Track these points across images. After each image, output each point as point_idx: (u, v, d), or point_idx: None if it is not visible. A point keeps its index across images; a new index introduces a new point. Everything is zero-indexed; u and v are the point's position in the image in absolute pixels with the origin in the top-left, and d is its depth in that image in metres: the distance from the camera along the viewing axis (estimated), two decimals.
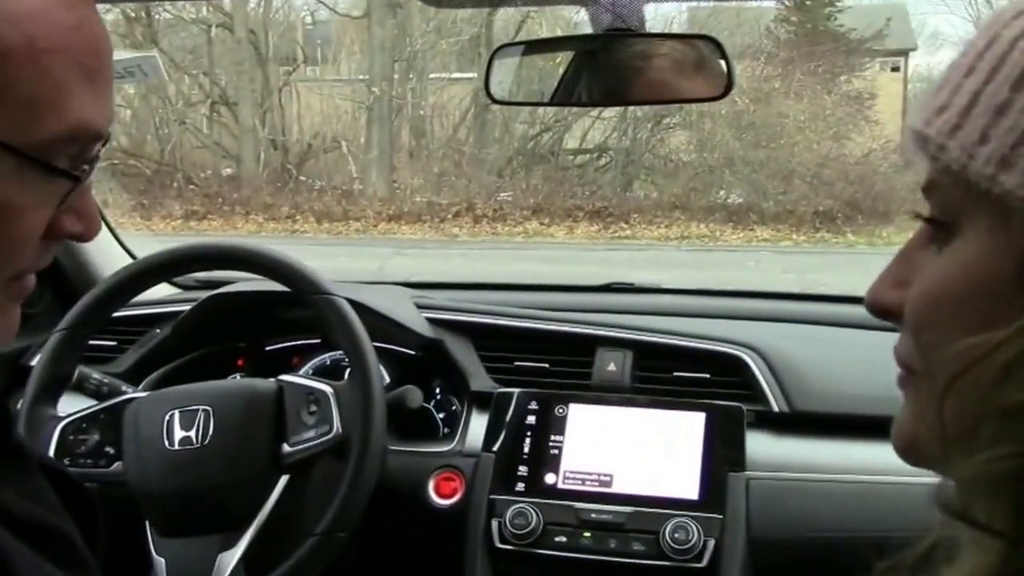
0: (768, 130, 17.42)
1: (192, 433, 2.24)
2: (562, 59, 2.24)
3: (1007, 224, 0.77)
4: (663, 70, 2.18)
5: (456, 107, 18.93)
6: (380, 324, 2.56)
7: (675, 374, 2.61)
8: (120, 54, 2.60)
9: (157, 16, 18.20)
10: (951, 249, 0.82)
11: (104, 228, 3.07)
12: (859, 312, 2.82)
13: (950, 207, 0.83)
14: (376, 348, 2.34)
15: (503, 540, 2.37)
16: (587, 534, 2.35)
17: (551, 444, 2.48)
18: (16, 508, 1.12)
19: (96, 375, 2.48)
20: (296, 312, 2.60)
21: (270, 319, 2.80)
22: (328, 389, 2.29)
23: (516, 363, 2.69)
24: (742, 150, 17.26)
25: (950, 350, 0.79)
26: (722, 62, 2.14)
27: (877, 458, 2.22)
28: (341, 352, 2.55)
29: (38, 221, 1.09)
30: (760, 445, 2.43)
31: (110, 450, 2.30)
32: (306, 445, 2.25)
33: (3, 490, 1.12)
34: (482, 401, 2.62)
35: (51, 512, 1.19)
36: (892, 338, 0.92)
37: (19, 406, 2.31)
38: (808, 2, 19.85)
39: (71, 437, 2.31)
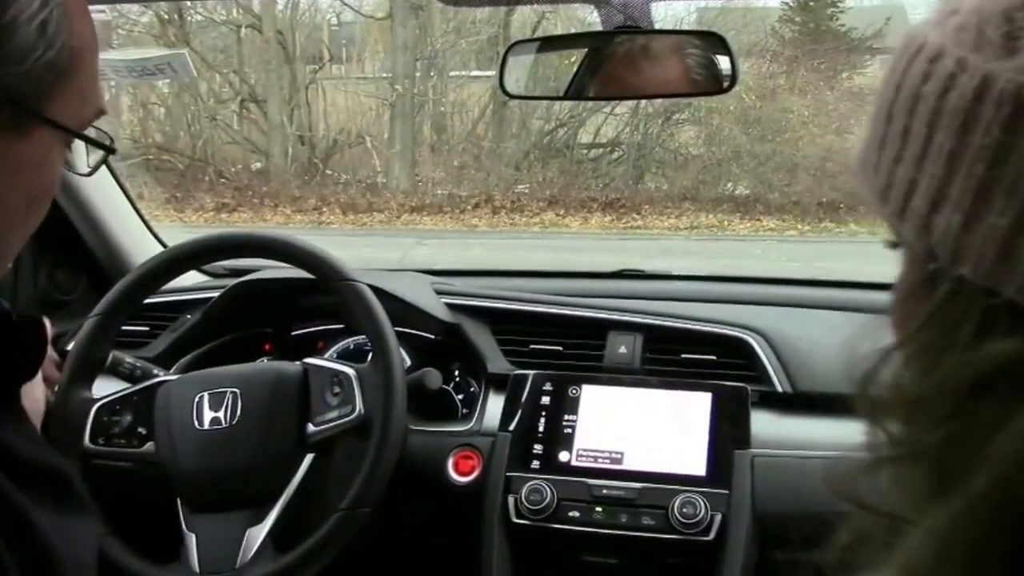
0: (773, 125, 17.39)
1: (221, 414, 2.26)
2: (576, 57, 2.24)
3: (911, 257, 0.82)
4: (671, 66, 2.18)
5: (475, 103, 18.91)
6: (401, 309, 2.56)
7: (683, 356, 2.61)
8: (151, 52, 2.61)
9: (189, 18, 18.21)
10: (899, 262, 0.86)
11: (136, 218, 3.09)
12: (860, 296, 2.83)
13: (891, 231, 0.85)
14: (397, 332, 2.34)
15: (519, 515, 2.37)
16: (599, 509, 2.35)
17: (565, 423, 2.48)
18: (20, 449, 1.16)
19: (129, 359, 2.49)
20: (320, 298, 2.60)
21: (295, 305, 2.80)
22: (351, 371, 2.29)
23: (531, 346, 2.70)
24: (749, 144, 17.24)
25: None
26: (727, 58, 2.14)
27: None
28: (364, 337, 2.55)
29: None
30: (764, 424, 2.44)
31: (143, 431, 2.31)
32: (330, 425, 2.26)
33: (7, 434, 1.16)
34: (499, 383, 2.62)
35: (51, 453, 1.23)
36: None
37: (56, 389, 2.31)
38: (811, 3, 19.81)
39: (105, 418, 2.33)
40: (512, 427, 2.50)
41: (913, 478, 0.78)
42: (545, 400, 2.53)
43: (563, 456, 2.44)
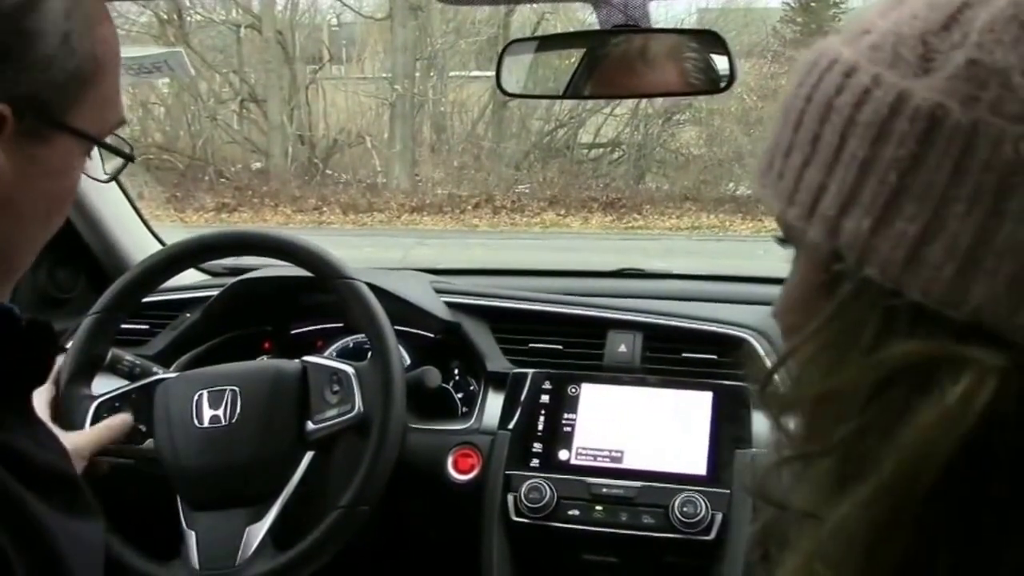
0: None
1: (220, 412, 2.26)
2: (574, 56, 2.24)
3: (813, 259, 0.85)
4: (670, 65, 2.18)
5: (475, 104, 18.92)
6: (400, 308, 2.57)
7: (683, 355, 2.61)
8: (148, 50, 2.61)
9: (188, 18, 18.23)
10: (793, 266, 0.91)
11: (135, 217, 3.09)
12: None
13: (787, 234, 0.90)
14: (397, 331, 2.35)
15: (518, 514, 2.38)
16: (599, 508, 2.35)
17: (564, 422, 2.48)
18: (32, 454, 1.17)
19: (129, 357, 2.49)
20: (320, 297, 2.60)
21: (295, 303, 2.80)
22: (350, 369, 2.30)
23: (531, 345, 2.69)
24: (750, 144, 17.23)
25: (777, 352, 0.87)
26: (725, 57, 2.15)
27: None
28: (363, 335, 2.55)
29: None
30: (765, 423, 2.41)
31: (142, 428, 2.31)
32: (329, 423, 2.26)
33: (18, 437, 1.16)
34: (498, 381, 2.62)
35: (60, 460, 1.23)
36: None
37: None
38: (813, 3, 19.83)
39: (105, 415, 2.32)
40: (511, 425, 2.51)
41: (818, 473, 0.82)
42: (544, 399, 2.53)
43: (563, 454, 2.44)
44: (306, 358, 2.37)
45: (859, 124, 0.79)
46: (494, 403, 2.59)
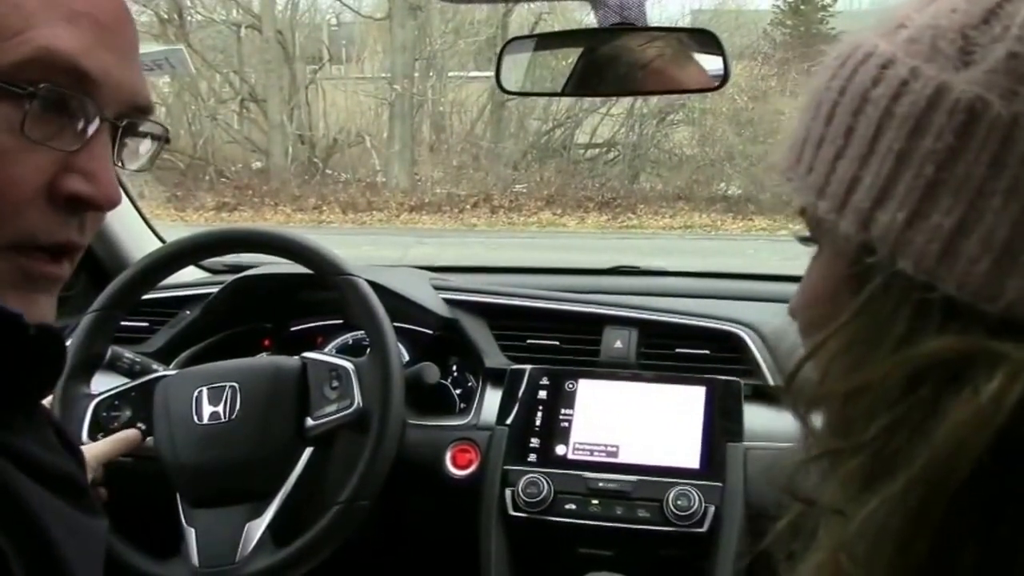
0: (766, 126, 17.41)
1: (220, 408, 2.24)
2: (571, 56, 2.23)
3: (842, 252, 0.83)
4: (665, 62, 2.18)
5: (474, 104, 18.94)
6: (399, 304, 2.56)
7: (678, 351, 2.60)
8: (148, 47, 2.60)
9: (189, 17, 18.22)
10: (816, 260, 0.91)
11: (135, 214, 3.07)
12: None
13: (813, 228, 0.90)
14: (395, 327, 2.34)
15: (516, 508, 2.37)
16: (595, 502, 2.34)
17: (561, 417, 2.47)
18: (38, 456, 1.12)
19: (128, 354, 2.47)
20: (319, 294, 2.59)
21: (294, 300, 2.79)
22: (349, 365, 2.28)
23: (528, 341, 2.69)
24: (741, 145, 17.29)
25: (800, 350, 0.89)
26: (719, 55, 2.14)
27: None
28: (362, 332, 2.53)
29: (28, 169, 1.00)
30: (757, 417, 2.42)
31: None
32: (329, 419, 2.25)
33: (25, 440, 1.11)
34: (496, 377, 2.62)
35: (68, 463, 1.19)
36: None
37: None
38: (803, 7, 19.87)
39: (104, 413, 2.31)
40: (509, 421, 2.50)
41: (847, 469, 0.81)
42: (542, 394, 2.52)
43: (560, 449, 2.43)
44: (305, 354, 2.36)
45: (896, 116, 0.78)
46: (492, 399, 2.58)
